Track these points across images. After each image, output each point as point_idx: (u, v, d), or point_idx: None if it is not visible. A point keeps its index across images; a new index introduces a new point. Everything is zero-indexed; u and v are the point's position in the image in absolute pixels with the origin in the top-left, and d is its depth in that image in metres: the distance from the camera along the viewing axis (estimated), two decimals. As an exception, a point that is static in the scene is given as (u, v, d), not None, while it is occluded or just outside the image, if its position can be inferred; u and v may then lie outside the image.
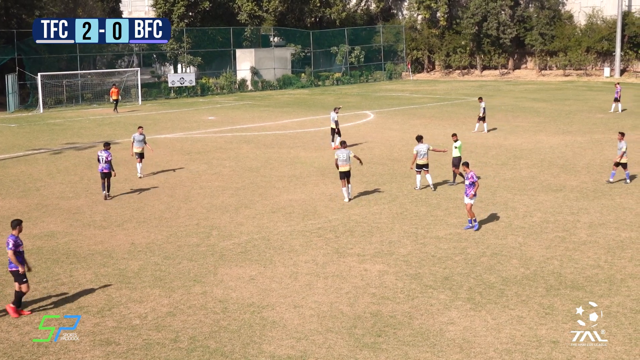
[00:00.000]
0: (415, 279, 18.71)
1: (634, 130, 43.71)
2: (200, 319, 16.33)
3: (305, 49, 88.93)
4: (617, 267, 19.36)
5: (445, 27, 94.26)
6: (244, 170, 33.74)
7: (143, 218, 25.39)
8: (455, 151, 29.14)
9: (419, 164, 28.23)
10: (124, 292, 18.02)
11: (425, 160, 28.19)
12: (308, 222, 24.39)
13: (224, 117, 55.72)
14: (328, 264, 20.07)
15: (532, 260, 20.01)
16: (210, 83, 79.04)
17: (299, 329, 15.66)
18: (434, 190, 28.40)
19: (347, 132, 45.16)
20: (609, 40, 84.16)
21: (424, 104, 62.29)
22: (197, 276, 19.22)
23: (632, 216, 24.38)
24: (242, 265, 20.02)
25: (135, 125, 49.50)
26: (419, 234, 22.83)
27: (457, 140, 29.35)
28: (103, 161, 28.22)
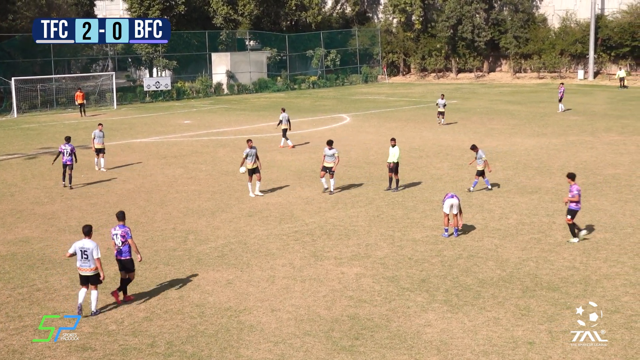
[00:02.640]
0: (393, 282, 18.74)
1: (608, 132, 44.09)
2: (177, 324, 16.25)
3: (281, 53, 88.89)
4: (592, 268, 19.51)
5: (420, 30, 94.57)
6: (220, 174, 33.65)
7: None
8: (392, 157, 28.95)
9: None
10: (100, 298, 17.88)
11: None
12: (285, 225, 24.37)
13: (200, 120, 55.56)
14: (305, 267, 20.06)
15: (508, 262, 20.12)
16: (186, 87, 78.78)
17: (276, 333, 15.64)
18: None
19: (324, 135, 45.19)
20: (582, 43, 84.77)
21: (399, 107, 62.47)
22: (174, 281, 19.14)
23: (606, 217, 24.57)
24: (219, 269, 19.96)
25: (112, 130, 49.33)
26: (396, 236, 22.87)
27: (394, 145, 29.14)
28: (67, 154, 30.82)
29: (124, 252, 17.56)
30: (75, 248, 16.83)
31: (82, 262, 16.79)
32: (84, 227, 17.09)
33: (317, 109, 61.95)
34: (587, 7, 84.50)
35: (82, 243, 16.77)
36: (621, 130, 44.92)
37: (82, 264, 16.80)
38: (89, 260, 16.73)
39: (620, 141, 40.49)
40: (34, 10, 72.42)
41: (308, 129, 48.68)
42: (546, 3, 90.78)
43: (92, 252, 16.69)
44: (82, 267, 16.83)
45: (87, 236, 16.87)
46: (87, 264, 16.77)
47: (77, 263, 16.92)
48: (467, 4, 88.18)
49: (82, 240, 16.87)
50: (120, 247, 17.55)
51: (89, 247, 16.70)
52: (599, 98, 65.73)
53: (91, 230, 17.04)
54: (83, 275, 16.89)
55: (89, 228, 17.03)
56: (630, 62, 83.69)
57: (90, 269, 16.78)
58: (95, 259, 16.70)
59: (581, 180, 30.23)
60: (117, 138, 46.16)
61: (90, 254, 16.69)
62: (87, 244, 16.74)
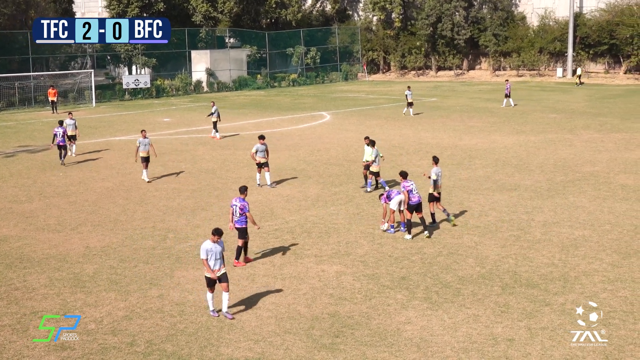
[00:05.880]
0: (373, 279, 18.78)
1: (587, 129, 44.39)
2: (157, 323, 16.20)
3: (260, 50, 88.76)
4: (571, 265, 19.64)
5: (400, 28, 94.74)
6: (200, 172, 33.57)
7: (98, 221, 25.13)
8: (367, 155, 28.89)
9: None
10: (79, 296, 17.82)
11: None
12: (265, 223, 24.34)
13: (179, 118, 55.38)
14: (285, 265, 20.06)
15: (487, 259, 20.21)
16: (166, 85, 78.47)
17: (256, 331, 15.63)
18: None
19: (304, 133, 45.24)
20: (561, 41, 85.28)
21: (379, 105, 62.56)
22: (154, 279, 19.08)
23: (585, 215, 24.74)
24: (198, 267, 19.90)
25: (91, 128, 49.10)
26: (376, 234, 22.91)
27: (369, 143, 29.12)
28: (59, 135, 35.08)
29: (240, 221, 19.87)
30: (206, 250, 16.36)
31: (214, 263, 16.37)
32: (215, 230, 16.41)
33: (297, 107, 61.91)
34: (566, 5, 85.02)
35: (211, 244, 16.35)
36: (599, 127, 45.24)
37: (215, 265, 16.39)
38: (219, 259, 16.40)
39: (599, 139, 40.78)
40: (11, 7, 71.96)
41: (288, 127, 48.64)
42: (525, 1, 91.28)
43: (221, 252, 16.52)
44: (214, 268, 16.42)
45: (216, 236, 16.31)
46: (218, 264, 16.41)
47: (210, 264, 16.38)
48: (447, 2, 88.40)
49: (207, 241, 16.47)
50: (238, 218, 19.89)
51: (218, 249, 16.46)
52: (578, 96, 66.17)
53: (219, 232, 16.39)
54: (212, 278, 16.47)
55: (220, 231, 16.41)
56: (608, 60, 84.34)
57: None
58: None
59: (560, 177, 30.47)
60: (96, 136, 45.93)
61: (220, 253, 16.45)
62: (218, 247, 16.38)
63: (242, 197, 20.15)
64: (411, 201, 22.18)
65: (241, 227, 20.01)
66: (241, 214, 19.90)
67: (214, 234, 16.25)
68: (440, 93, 71.72)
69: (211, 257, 16.25)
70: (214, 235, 16.24)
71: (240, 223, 19.99)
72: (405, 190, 22.17)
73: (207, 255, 16.23)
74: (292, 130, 47.08)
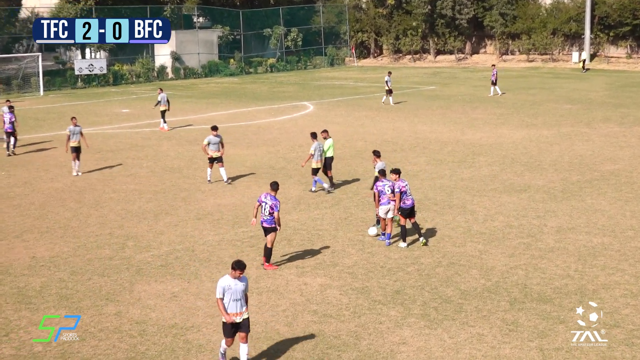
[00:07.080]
0: (362, 294, 18.76)
1: (606, 122, 44.59)
2: (114, 344, 16.13)
3: (234, 31, 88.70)
4: (589, 276, 19.69)
5: (393, 6, 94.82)
6: (164, 171, 33.49)
7: (46, 228, 25.00)
8: (328, 151, 29.08)
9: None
10: (24, 314, 17.71)
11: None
12: (239, 230, 24.30)
13: (140, 109, 55.23)
14: (262, 277, 20.02)
15: (493, 271, 20.23)
16: (124, 70, 78.30)
17: (228, 354, 15.58)
18: None
19: (284, 126, 45.23)
20: (577, 21, 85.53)
21: (370, 94, 62.64)
22: (110, 294, 18.99)
23: (604, 219, 24.82)
24: (162, 280, 19.84)
25: (38, 120, 48.84)
26: (366, 241, 22.90)
27: (327, 137, 29.18)
28: (7, 122, 37.34)
29: (268, 221, 20.39)
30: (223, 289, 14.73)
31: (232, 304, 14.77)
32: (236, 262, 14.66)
33: (276, 96, 61.90)
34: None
35: (229, 281, 14.68)
36: (621, 120, 45.46)
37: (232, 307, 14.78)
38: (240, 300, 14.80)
39: (620, 133, 40.98)
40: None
41: (266, 119, 48.62)
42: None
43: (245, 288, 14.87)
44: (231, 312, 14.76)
45: (238, 270, 14.54)
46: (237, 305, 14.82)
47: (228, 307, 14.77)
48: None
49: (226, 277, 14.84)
50: (266, 217, 20.35)
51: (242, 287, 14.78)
52: (596, 84, 66.48)
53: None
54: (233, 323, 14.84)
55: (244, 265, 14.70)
56: (630, 43, 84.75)
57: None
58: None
59: (576, 177, 30.57)
60: (44, 129, 45.74)
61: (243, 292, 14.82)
62: (239, 284, 14.71)
63: (273, 195, 20.47)
64: (404, 204, 22.18)
65: (269, 227, 20.45)
66: (270, 214, 20.27)
67: (234, 268, 14.45)
68: (440, 80, 71.89)
69: (229, 297, 14.60)
70: (234, 270, 14.45)
71: (269, 223, 20.40)
72: (399, 191, 22.13)
73: (224, 293, 14.64)
74: (271, 123, 47.05)
